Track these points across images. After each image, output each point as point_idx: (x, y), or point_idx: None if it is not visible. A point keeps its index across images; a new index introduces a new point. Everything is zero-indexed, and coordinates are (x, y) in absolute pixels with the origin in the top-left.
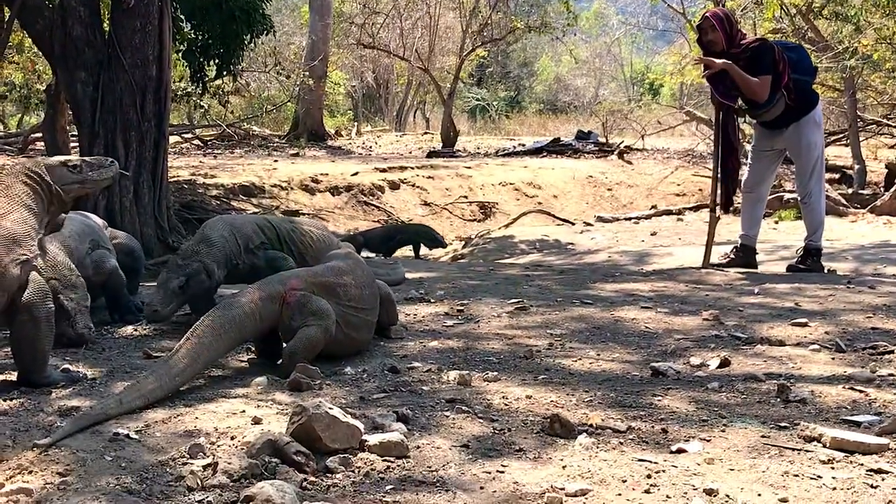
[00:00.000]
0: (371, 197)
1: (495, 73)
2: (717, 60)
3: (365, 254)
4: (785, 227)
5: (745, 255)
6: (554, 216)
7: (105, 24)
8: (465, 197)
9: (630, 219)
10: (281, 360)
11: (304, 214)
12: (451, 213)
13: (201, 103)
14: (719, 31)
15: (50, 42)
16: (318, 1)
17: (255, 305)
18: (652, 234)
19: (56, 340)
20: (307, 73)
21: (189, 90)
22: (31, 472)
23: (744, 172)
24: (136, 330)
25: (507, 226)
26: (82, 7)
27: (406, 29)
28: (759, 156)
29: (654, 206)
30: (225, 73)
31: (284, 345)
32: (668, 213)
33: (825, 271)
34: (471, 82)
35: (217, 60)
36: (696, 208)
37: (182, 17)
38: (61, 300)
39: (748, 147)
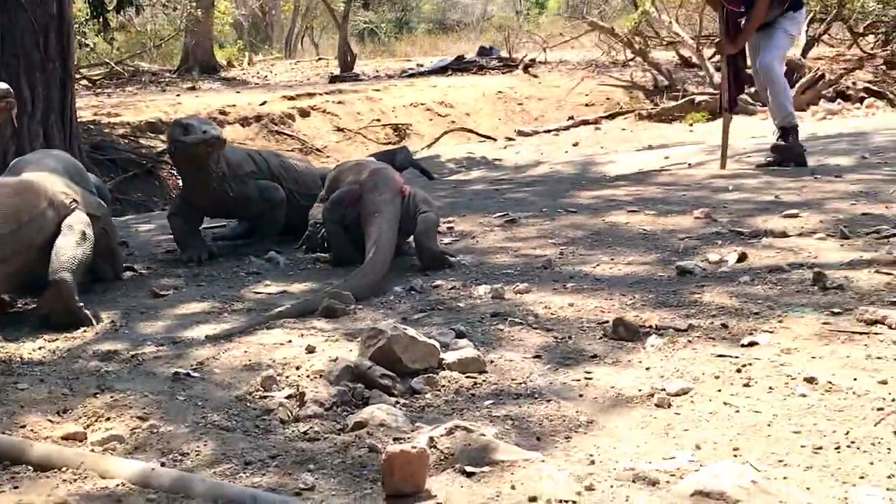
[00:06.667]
0: (282, 126)
1: None
2: (729, 48)
3: None
4: (700, 129)
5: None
6: (476, 133)
7: None
8: (378, 120)
9: (549, 131)
10: (417, 251)
11: None
12: (365, 137)
13: (86, 42)
14: None
15: None
16: None
17: (396, 201)
18: (574, 145)
19: None
20: (194, 4)
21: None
22: (108, 420)
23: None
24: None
25: (430, 146)
26: None
27: None
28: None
29: (571, 118)
30: (127, 6)
31: None
32: (586, 122)
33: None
34: (357, 5)
35: None
36: (611, 117)
37: None
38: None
39: None
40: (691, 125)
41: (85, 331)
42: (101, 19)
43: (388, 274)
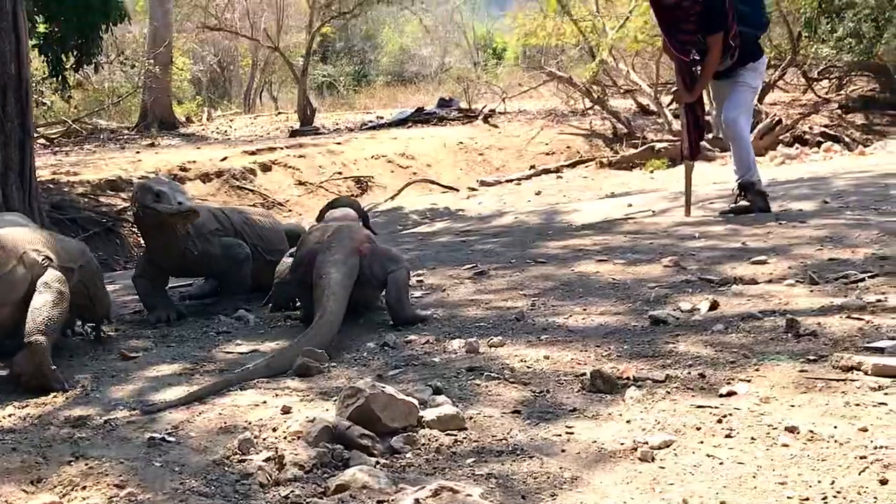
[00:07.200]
0: (244, 181)
1: (339, 49)
2: (686, 96)
3: None
4: (660, 176)
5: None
6: (438, 184)
7: None
8: (340, 173)
9: (511, 180)
10: (392, 312)
11: None
12: (327, 190)
13: (43, 100)
14: None
15: None
16: None
17: (350, 261)
18: (536, 194)
19: None
20: (152, 62)
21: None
22: (84, 488)
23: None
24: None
25: (392, 198)
26: None
27: (250, 8)
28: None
29: (532, 167)
30: (86, 64)
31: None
32: (547, 171)
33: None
34: (316, 59)
35: (76, 52)
36: (572, 165)
37: (34, 9)
38: None
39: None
40: (652, 172)
41: (55, 396)
42: (59, 78)
43: (359, 329)
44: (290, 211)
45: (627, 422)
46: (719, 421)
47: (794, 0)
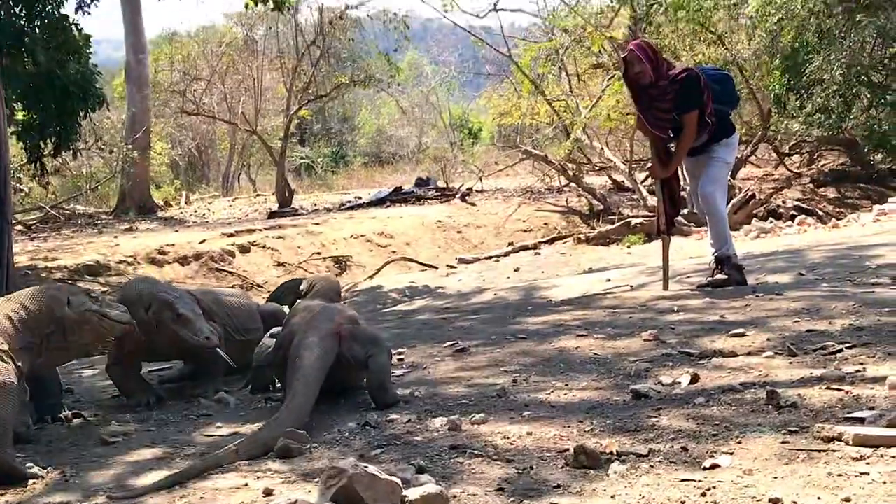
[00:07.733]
0: (222, 263)
1: (316, 131)
2: (661, 172)
3: None
4: (637, 251)
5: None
6: (418, 262)
7: None
8: (319, 253)
9: (490, 257)
10: (373, 397)
11: None
12: (306, 270)
13: (21, 186)
14: (645, 62)
15: None
16: (135, 72)
17: (325, 343)
18: (515, 270)
19: None
20: (130, 147)
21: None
22: None
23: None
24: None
25: (372, 277)
26: None
27: (228, 92)
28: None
29: (510, 244)
30: (64, 150)
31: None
32: (525, 248)
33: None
34: (293, 141)
35: (54, 139)
36: (550, 241)
37: (13, 97)
38: None
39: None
40: (629, 247)
41: (34, 483)
42: (37, 164)
43: (340, 410)
44: (268, 293)
45: (612, 497)
46: (703, 494)
47: (762, 77)
